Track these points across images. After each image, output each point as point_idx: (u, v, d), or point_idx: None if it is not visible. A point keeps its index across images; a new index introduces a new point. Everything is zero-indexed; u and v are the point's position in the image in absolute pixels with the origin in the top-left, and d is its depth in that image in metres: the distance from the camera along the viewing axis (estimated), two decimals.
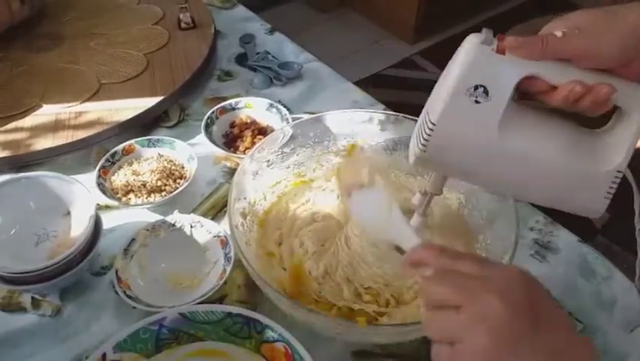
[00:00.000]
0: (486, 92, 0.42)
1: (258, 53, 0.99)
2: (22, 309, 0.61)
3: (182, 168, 0.75)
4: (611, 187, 0.44)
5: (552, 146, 0.44)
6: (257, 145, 0.63)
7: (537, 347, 0.33)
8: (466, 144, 0.44)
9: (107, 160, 0.74)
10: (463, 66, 0.42)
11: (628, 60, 0.41)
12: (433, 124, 0.43)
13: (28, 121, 0.81)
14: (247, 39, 1.01)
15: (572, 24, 0.42)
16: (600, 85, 0.40)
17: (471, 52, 0.42)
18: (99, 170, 0.72)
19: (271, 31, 1.06)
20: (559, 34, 0.41)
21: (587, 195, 0.45)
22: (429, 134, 0.43)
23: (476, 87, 0.42)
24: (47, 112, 0.83)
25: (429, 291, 0.37)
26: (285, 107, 0.83)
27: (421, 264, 0.39)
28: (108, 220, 0.68)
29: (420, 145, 0.44)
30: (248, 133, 0.80)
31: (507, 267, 0.39)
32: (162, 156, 0.76)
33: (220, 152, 0.77)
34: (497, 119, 0.42)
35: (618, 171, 0.43)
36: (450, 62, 0.44)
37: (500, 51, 0.41)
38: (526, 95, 0.44)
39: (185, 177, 0.73)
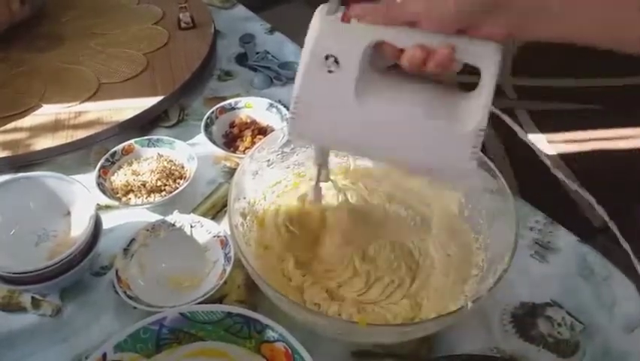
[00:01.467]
0: (336, 61, 0.43)
1: (257, 53, 0.99)
2: (22, 309, 0.61)
3: (182, 168, 0.75)
4: (475, 146, 0.44)
5: (410, 107, 0.45)
6: (257, 145, 0.63)
7: None
8: (328, 114, 0.46)
9: (107, 160, 0.74)
10: (311, 39, 0.43)
11: (470, 21, 0.41)
12: (296, 97, 0.45)
13: (28, 121, 0.81)
14: (247, 39, 1.01)
15: None
16: (441, 47, 0.41)
17: (317, 23, 0.43)
18: (99, 170, 0.72)
19: (271, 31, 1.06)
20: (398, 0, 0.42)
21: (454, 155, 0.46)
22: (294, 108, 0.46)
23: (327, 57, 0.43)
24: (47, 112, 0.83)
25: None
26: (285, 107, 0.83)
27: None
28: (108, 220, 0.67)
29: (290, 120, 0.47)
30: (248, 133, 0.80)
31: None
32: (162, 156, 0.76)
33: (220, 152, 0.77)
34: (351, 86, 0.44)
35: (480, 130, 0.44)
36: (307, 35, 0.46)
37: (346, 19, 0.43)
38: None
39: (185, 177, 0.73)
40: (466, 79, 0.46)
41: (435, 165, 0.47)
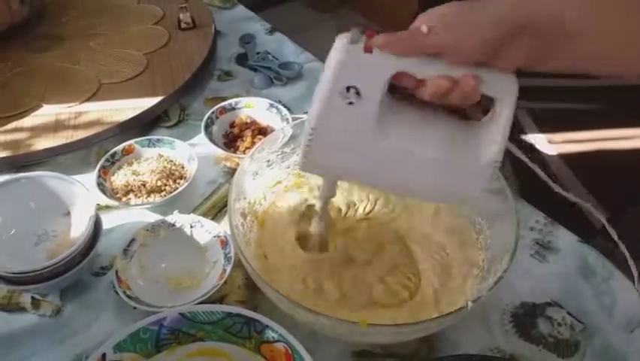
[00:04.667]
0: (357, 92, 0.42)
1: (258, 53, 0.99)
2: (22, 309, 0.61)
3: (182, 168, 0.75)
4: (489, 178, 0.44)
5: (429, 141, 0.44)
6: (257, 145, 0.63)
7: None
8: (345, 146, 0.44)
9: (107, 160, 0.74)
10: (332, 68, 0.42)
11: (493, 52, 0.41)
12: (312, 129, 0.43)
13: (28, 121, 0.81)
14: (247, 39, 1.01)
15: (436, 18, 0.41)
16: (465, 77, 0.41)
17: (339, 53, 0.41)
18: (99, 170, 0.72)
19: (271, 31, 1.06)
20: (424, 29, 0.41)
21: (466, 186, 0.46)
22: (310, 140, 0.44)
23: (348, 88, 0.42)
24: (47, 112, 0.83)
25: None
26: (285, 107, 0.83)
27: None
28: (108, 220, 0.67)
29: (304, 151, 0.45)
30: (248, 133, 0.80)
31: None
32: (162, 156, 0.76)
33: (220, 152, 0.77)
34: (372, 118, 0.43)
35: (495, 162, 0.44)
36: (325, 63, 0.45)
37: (368, 50, 0.41)
38: (400, 90, 0.44)
39: (185, 177, 0.73)
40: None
41: (448, 195, 0.47)
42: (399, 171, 0.46)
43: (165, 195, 0.70)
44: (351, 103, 0.42)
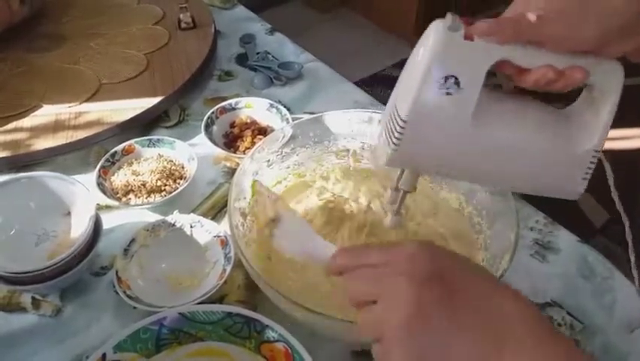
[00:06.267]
0: (457, 82, 0.39)
1: (258, 53, 0.99)
2: (22, 309, 0.61)
3: (182, 168, 0.75)
4: (589, 167, 0.43)
5: (527, 130, 0.43)
6: (257, 145, 0.63)
7: (458, 306, 0.34)
8: (439, 139, 0.42)
9: (107, 160, 0.74)
10: (430, 56, 0.39)
11: (603, 43, 0.40)
12: (404, 121, 0.41)
13: (28, 121, 0.81)
14: (247, 39, 1.01)
15: (544, 4, 0.39)
16: (573, 69, 0.40)
17: (438, 40, 0.39)
18: (99, 170, 0.72)
19: (271, 32, 1.06)
20: (532, 17, 0.39)
21: (566, 177, 0.44)
22: (400, 132, 0.41)
23: (446, 78, 0.39)
24: (47, 112, 0.83)
25: (349, 292, 0.38)
26: (285, 107, 0.83)
27: (340, 270, 0.40)
28: (108, 220, 0.67)
29: (392, 144, 0.42)
30: (248, 133, 0.80)
31: (407, 245, 0.38)
32: (162, 156, 0.76)
33: (220, 152, 0.77)
34: (471, 110, 0.40)
35: (596, 151, 0.42)
36: (416, 48, 0.42)
37: (468, 37, 0.39)
38: (491, 73, 0.42)
39: (185, 177, 0.73)
40: None
41: (545, 188, 0.45)
42: (495, 163, 0.43)
43: (165, 195, 0.70)
44: (449, 93, 0.39)
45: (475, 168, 0.44)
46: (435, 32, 0.40)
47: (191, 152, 0.75)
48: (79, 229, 0.62)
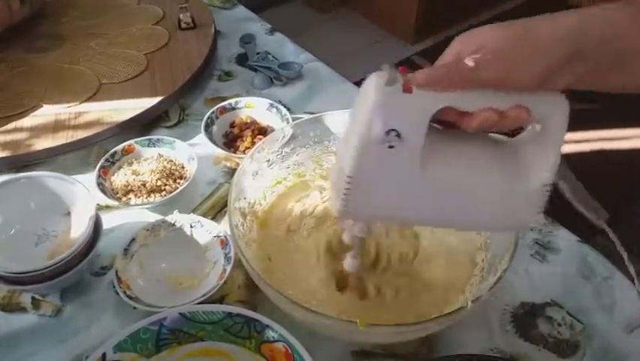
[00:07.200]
0: (398, 135, 0.39)
1: (258, 53, 0.99)
2: (22, 309, 0.61)
3: (182, 168, 0.75)
4: (542, 203, 0.43)
5: (476, 174, 0.43)
6: (257, 145, 0.63)
7: None
8: (387, 190, 0.42)
9: (107, 160, 0.74)
10: (369, 113, 0.39)
11: (547, 80, 0.39)
12: (349, 177, 0.41)
13: (28, 121, 0.81)
14: (247, 39, 1.01)
15: (482, 44, 0.39)
16: (517, 110, 0.39)
17: (374, 96, 0.38)
18: (99, 170, 0.72)
19: (271, 32, 1.06)
20: (470, 63, 0.38)
21: (520, 213, 0.44)
22: (347, 188, 0.41)
23: (387, 132, 0.39)
24: (47, 112, 0.83)
25: None
26: (285, 107, 0.83)
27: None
28: (108, 220, 0.68)
29: (340, 200, 0.42)
30: (248, 133, 0.80)
31: None
32: (162, 156, 0.76)
33: (220, 152, 0.77)
34: (415, 159, 0.40)
35: (547, 185, 0.42)
36: (356, 101, 0.42)
37: (407, 89, 0.38)
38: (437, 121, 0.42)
39: (185, 177, 0.73)
40: None
41: (498, 225, 0.45)
42: (449, 208, 0.44)
43: (165, 195, 0.70)
44: (391, 147, 0.39)
45: (427, 215, 0.44)
46: (373, 88, 0.39)
47: (191, 152, 0.75)
48: (79, 229, 0.62)
